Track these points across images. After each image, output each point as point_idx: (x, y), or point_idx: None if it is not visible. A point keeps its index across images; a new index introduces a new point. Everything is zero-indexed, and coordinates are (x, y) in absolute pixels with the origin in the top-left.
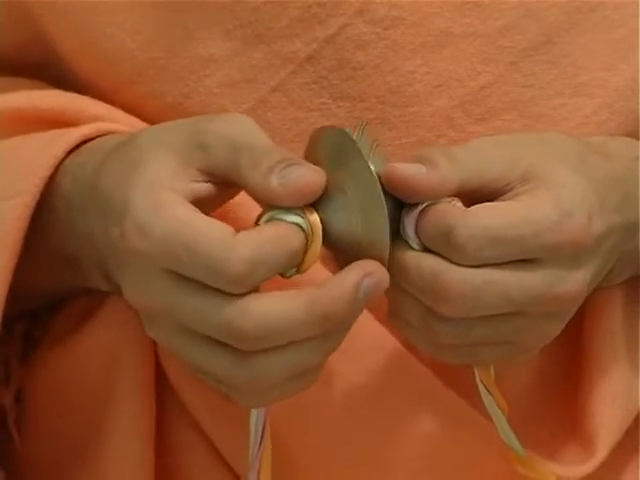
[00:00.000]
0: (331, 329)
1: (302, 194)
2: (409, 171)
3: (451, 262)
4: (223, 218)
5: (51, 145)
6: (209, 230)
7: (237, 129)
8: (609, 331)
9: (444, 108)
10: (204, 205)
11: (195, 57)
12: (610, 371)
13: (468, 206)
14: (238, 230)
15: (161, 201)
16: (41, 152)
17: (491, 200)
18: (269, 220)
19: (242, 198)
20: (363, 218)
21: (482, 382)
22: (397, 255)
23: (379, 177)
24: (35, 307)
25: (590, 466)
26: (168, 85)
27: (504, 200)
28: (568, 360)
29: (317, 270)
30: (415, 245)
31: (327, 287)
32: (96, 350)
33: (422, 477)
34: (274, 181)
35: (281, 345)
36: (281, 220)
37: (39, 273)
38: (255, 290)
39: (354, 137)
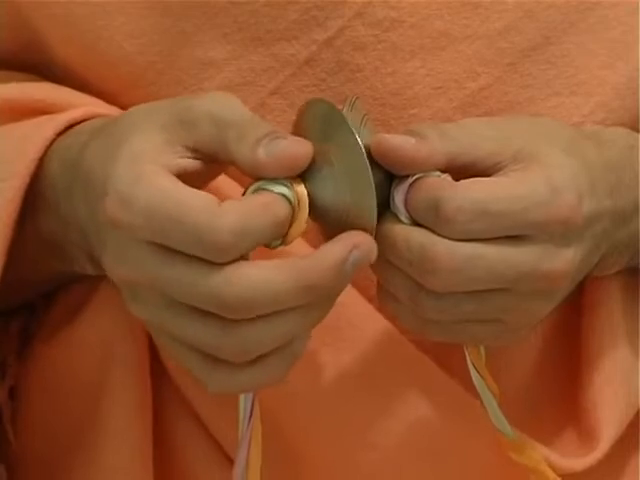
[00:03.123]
0: (317, 299)
1: (288, 165)
2: (397, 141)
3: (440, 235)
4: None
5: (40, 128)
6: (193, 200)
7: (222, 105)
8: (609, 322)
9: (443, 110)
10: (189, 182)
11: (194, 60)
12: (610, 363)
13: None
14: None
15: (144, 173)
16: (31, 135)
17: None
18: (256, 191)
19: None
20: (350, 189)
21: (473, 364)
22: (386, 228)
23: (368, 149)
24: (27, 298)
25: (593, 459)
26: (167, 89)
27: None
28: (568, 353)
29: (302, 246)
30: (404, 218)
31: (315, 258)
32: (89, 342)
33: (415, 460)
34: (261, 153)
35: (267, 314)
36: (267, 190)
37: (28, 260)
38: (243, 259)
39: (344, 111)
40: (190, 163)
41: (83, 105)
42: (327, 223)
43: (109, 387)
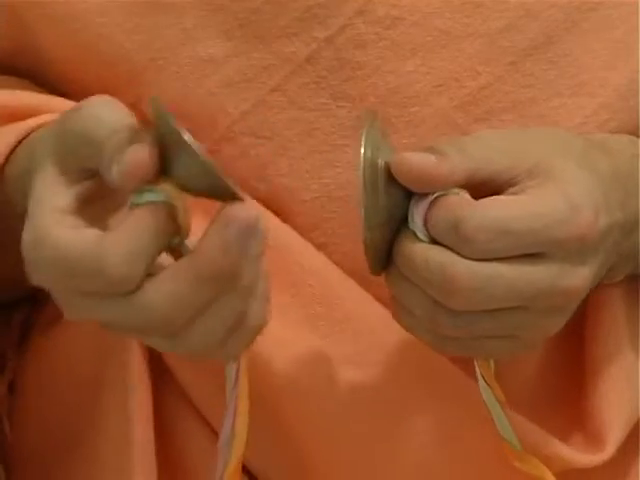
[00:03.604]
0: (227, 283)
1: (138, 177)
2: (418, 160)
3: (459, 254)
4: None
5: (5, 134)
6: (80, 247)
7: (91, 123)
8: (613, 328)
9: (444, 108)
10: (99, 197)
11: (194, 57)
12: (615, 367)
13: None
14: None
15: (42, 231)
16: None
17: (496, 194)
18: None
19: None
20: (198, 170)
21: (482, 375)
22: (404, 246)
23: (388, 166)
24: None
25: (600, 459)
26: (167, 86)
27: (510, 194)
28: (571, 358)
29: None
30: (423, 236)
31: (199, 250)
32: (86, 335)
33: (432, 465)
34: (114, 172)
35: (193, 318)
36: (135, 204)
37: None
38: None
39: (364, 127)
40: (86, 185)
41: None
42: (207, 194)
43: (107, 381)
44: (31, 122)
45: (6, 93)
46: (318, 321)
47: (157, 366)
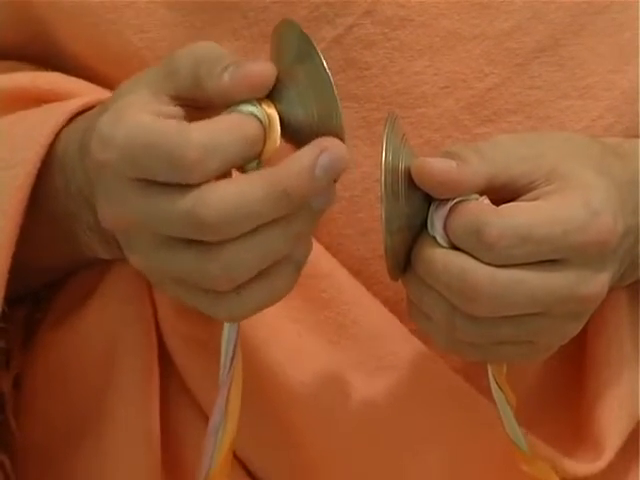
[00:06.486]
0: (294, 208)
1: (251, 85)
2: (440, 165)
3: (479, 260)
4: None
5: (49, 115)
6: (166, 125)
7: (201, 48)
8: (615, 334)
9: (451, 109)
10: None
11: None
12: (617, 374)
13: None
14: None
15: (125, 113)
16: (40, 123)
17: (514, 199)
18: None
19: None
20: (316, 103)
21: (494, 378)
22: (424, 251)
23: (408, 171)
24: (36, 286)
25: (597, 467)
26: None
27: (528, 199)
28: (573, 364)
29: None
30: (442, 242)
31: (285, 165)
32: (96, 330)
33: (439, 471)
34: (225, 78)
35: (246, 232)
36: (236, 112)
37: (39, 246)
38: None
39: (385, 130)
40: (174, 110)
41: (93, 93)
42: (300, 143)
43: (115, 376)
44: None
45: (36, 75)
46: (327, 327)
47: (163, 362)
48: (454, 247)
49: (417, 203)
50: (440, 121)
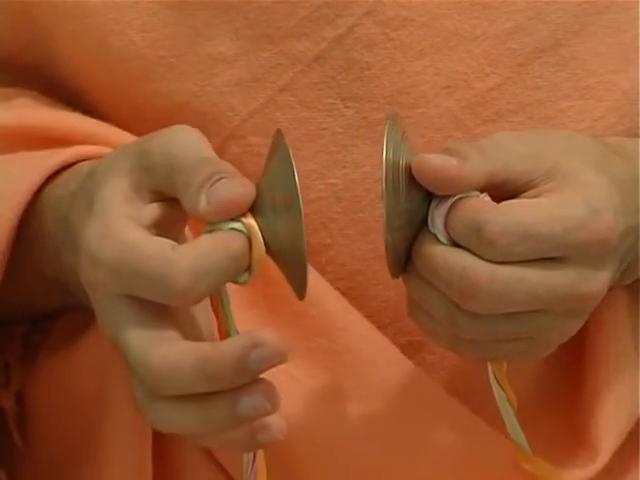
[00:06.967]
0: (227, 386)
1: (228, 210)
2: (439, 161)
3: (479, 257)
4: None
5: (30, 171)
6: (153, 250)
7: (177, 146)
8: (615, 333)
9: (452, 109)
10: (166, 225)
11: (204, 56)
12: (614, 376)
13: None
14: None
15: (110, 228)
16: (21, 178)
17: (514, 197)
18: (209, 232)
19: None
20: (286, 223)
21: (495, 376)
22: (424, 248)
23: (409, 167)
24: (28, 316)
25: (592, 471)
26: (176, 84)
27: (527, 197)
28: (570, 365)
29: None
30: (443, 239)
31: (218, 349)
32: (89, 365)
33: None
34: (202, 201)
35: (175, 395)
36: (217, 229)
37: (26, 291)
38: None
39: (386, 127)
40: (158, 208)
41: (81, 129)
42: (278, 256)
43: (109, 408)
44: (77, 150)
45: (24, 112)
46: (320, 354)
47: None
48: (455, 244)
49: (418, 200)
50: (441, 121)
